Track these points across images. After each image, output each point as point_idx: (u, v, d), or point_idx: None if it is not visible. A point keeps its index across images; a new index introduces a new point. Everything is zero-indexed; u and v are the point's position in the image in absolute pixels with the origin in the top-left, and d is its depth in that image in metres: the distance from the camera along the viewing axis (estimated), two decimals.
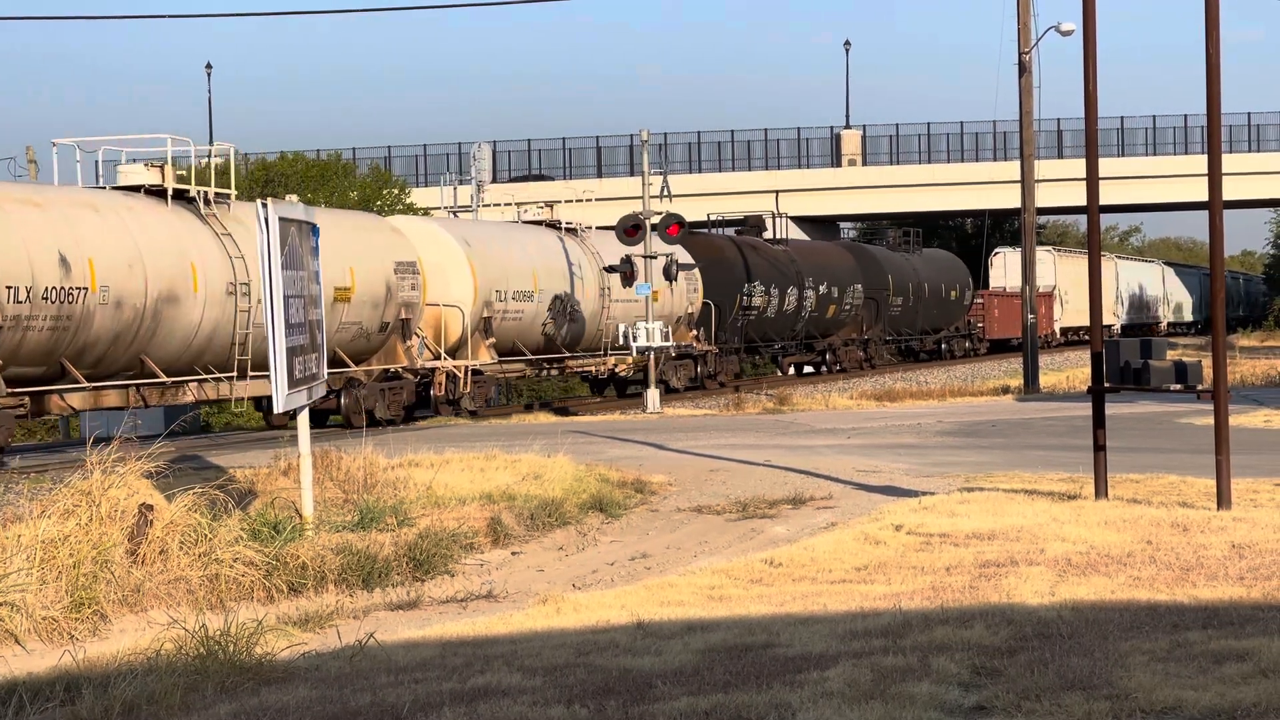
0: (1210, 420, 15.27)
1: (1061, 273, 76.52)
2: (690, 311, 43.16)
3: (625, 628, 9.84)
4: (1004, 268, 76.09)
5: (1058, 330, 77.95)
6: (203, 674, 8.92)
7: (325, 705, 8.15)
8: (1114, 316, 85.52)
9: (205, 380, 26.67)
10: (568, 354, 38.40)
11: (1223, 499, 14.22)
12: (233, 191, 28.32)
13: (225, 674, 8.94)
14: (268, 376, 27.16)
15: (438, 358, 32.83)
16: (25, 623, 11.11)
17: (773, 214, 52.89)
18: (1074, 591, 10.45)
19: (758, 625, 9.67)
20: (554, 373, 39.61)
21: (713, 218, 52.31)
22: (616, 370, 41.08)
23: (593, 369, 40.18)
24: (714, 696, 7.77)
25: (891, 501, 15.81)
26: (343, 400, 30.10)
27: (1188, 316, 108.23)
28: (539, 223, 39.77)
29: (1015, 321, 72.13)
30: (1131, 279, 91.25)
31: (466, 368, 33.02)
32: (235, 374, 26.82)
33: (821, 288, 51.59)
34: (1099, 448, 15.11)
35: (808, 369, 54.56)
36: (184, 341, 26.15)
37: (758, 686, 7.96)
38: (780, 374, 51.88)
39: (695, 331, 43.80)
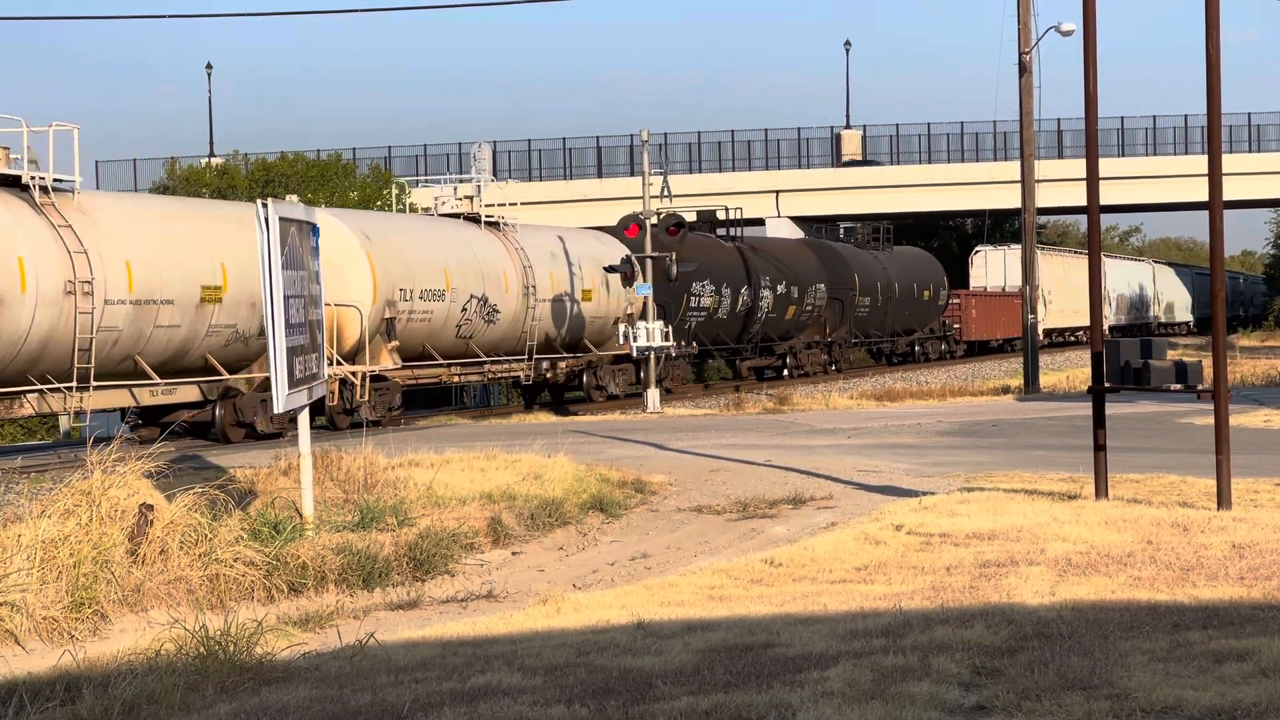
0: (1210, 420, 15.27)
1: (1043, 272, 73.14)
2: (630, 313, 39.74)
3: (626, 628, 9.84)
4: (984, 266, 74.49)
5: (1041, 332, 76.71)
6: (203, 674, 8.92)
7: (325, 705, 8.15)
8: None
9: (45, 391, 23.54)
10: (487, 358, 34.80)
11: (1223, 499, 14.23)
12: (76, 178, 24.96)
13: (225, 674, 8.94)
14: (125, 386, 26.23)
15: (333, 363, 28.80)
16: (25, 623, 11.11)
17: (726, 210, 48.05)
18: (1074, 591, 10.46)
19: (758, 625, 9.67)
20: (472, 378, 35.57)
21: (664, 213, 51.03)
22: (548, 376, 37.55)
23: (520, 374, 36.15)
24: (714, 696, 7.77)
25: (892, 501, 15.81)
26: (217, 411, 27.01)
27: (1179, 317, 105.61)
28: (457, 216, 36.37)
29: (995, 322, 69.64)
30: (1120, 278, 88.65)
31: (363, 374, 29.62)
32: (75, 383, 23.75)
33: (780, 287, 48.22)
34: (1099, 447, 15.11)
35: (769, 373, 50.88)
36: (10, 348, 22.92)
37: (758, 686, 7.96)
38: (738, 378, 48.82)
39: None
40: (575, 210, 65.06)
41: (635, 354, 37.36)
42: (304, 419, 14.98)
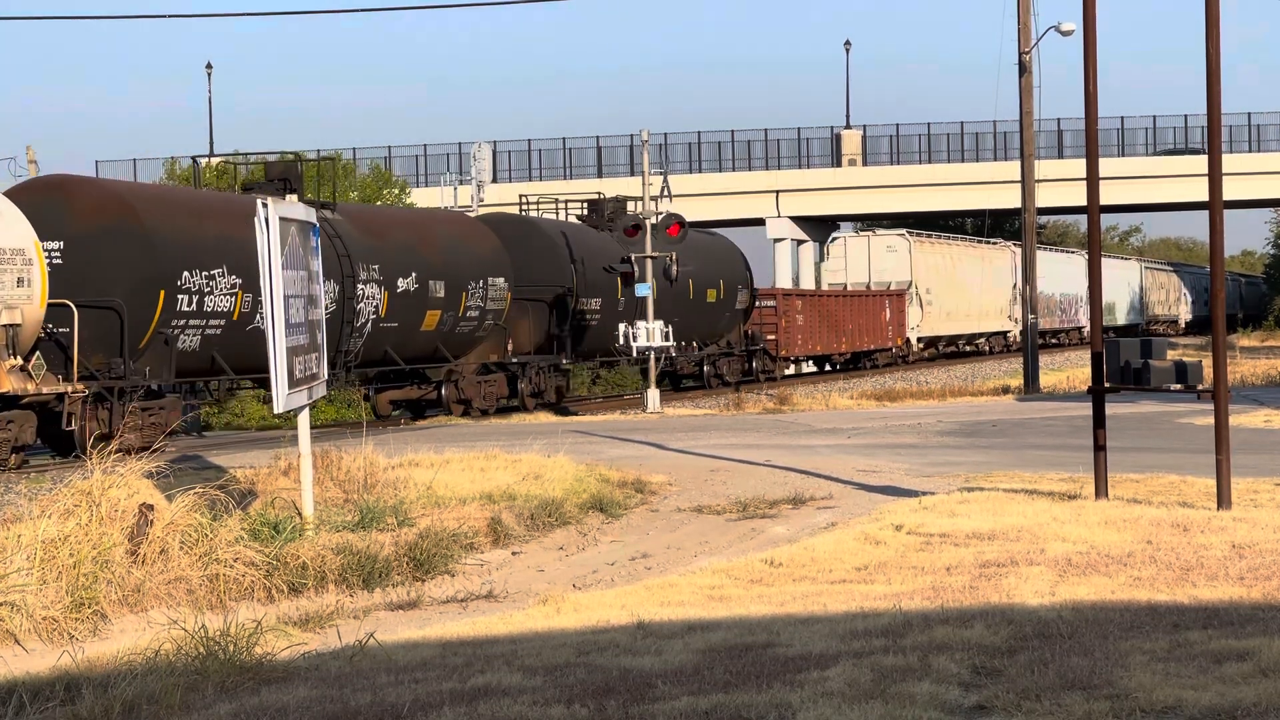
0: (1210, 420, 15.27)
1: (920, 266, 61.12)
2: (53, 329, 23.70)
3: (626, 628, 9.84)
4: (844, 259, 61.20)
5: (914, 340, 61.46)
6: (203, 674, 8.92)
7: (325, 705, 8.14)
8: (1011, 321, 69.05)
9: None
10: None
11: (1223, 499, 14.23)
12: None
13: (225, 674, 8.94)
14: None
15: None
16: (25, 623, 11.11)
17: (299, 155, 31.04)
18: (1074, 591, 10.46)
19: (758, 625, 9.67)
20: None
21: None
22: None
23: None
24: (714, 696, 7.77)
25: (892, 501, 15.82)
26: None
27: (1120, 319, 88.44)
28: None
29: (837, 331, 53.78)
30: (1044, 274, 70.84)
31: None
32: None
33: (404, 282, 31.24)
34: (1099, 447, 15.11)
35: (431, 410, 34.73)
36: None
37: (758, 686, 7.96)
38: (381, 419, 33.11)
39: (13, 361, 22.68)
40: (575, 210, 64.97)
41: (635, 354, 37.05)
42: (304, 419, 14.97)
